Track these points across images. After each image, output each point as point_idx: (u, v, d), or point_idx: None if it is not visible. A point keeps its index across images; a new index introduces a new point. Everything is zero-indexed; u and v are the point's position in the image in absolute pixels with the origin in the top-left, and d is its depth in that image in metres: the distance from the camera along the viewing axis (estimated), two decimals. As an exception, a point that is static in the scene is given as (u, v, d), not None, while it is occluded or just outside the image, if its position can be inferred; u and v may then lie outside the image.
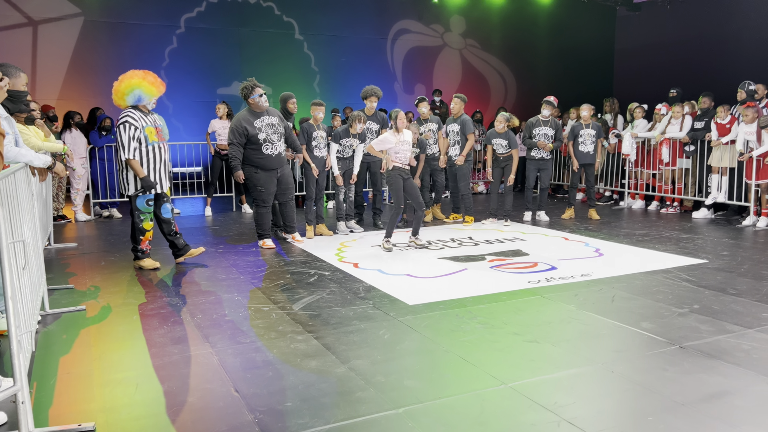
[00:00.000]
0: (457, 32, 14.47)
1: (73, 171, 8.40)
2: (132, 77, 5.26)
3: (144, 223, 5.46)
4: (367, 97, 7.32)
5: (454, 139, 7.66)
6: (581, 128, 8.26)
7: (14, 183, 3.20)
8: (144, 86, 5.26)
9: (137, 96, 5.28)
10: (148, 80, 5.28)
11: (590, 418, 2.63)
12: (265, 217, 6.42)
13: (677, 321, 3.89)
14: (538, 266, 5.45)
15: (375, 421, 2.63)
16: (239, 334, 3.76)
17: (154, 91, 5.34)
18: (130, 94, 5.26)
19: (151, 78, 5.33)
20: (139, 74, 5.28)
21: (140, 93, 5.27)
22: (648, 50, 14.53)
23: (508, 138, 7.67)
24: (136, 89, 5.25)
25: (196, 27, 12.05)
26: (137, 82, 5.24)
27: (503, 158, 7.74)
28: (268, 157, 6.21)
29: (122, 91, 5.26)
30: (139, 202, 5.41)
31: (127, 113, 5.28)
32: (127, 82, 5.25)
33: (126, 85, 5.25)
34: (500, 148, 7.72)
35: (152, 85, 5.30)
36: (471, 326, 3.84)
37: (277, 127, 6.30)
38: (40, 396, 2.91)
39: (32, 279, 3.49)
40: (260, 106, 6.25)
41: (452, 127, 7.67)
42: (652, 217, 8.38)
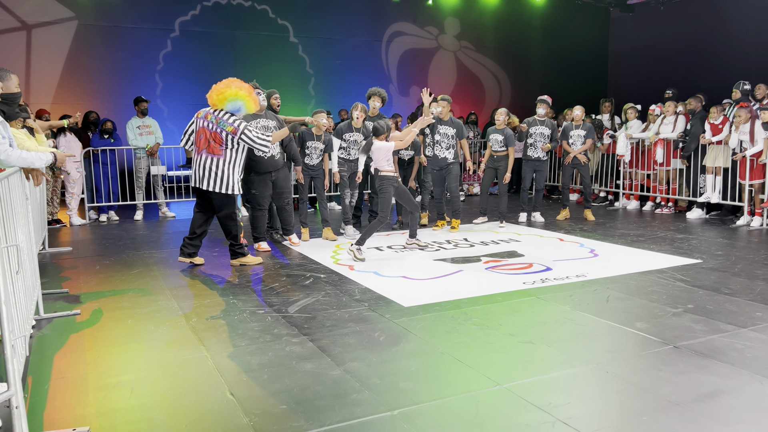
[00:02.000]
0: (451, 34, 14.50)
1: (68, 175, 8.38)
2: (241, 88, 5.42)
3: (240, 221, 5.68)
4: (369, 97, 7.32)
5: (448, 143, 7.38)
6: (572, 128, 8.31)
7: (8, 187, 3.20)
8: (248, 102, 5.46)
9: (239, 107, 5.46)
10: (253, 97, 5.50)
11: (585, 418, 2.64)
12: (260, 220, 6.41)
13: (671, 321, 3.91)
14: (534, 267, 5.47)
15: (370, 423, 2.63)
16: (234, 337, 3.75)
17: (254, 109, 5.57)
18: (233, 101, 5.41)
19: (255, 96, 5.57)
20: (246, 88, 5.46)
21: (242, 105, 5.45)
22: (642, 51, 14.59)
23: (505, 134, 7.64)
24: (241, 101, 5.42)
25: (191, 30, 12.04)
26: (244, 95, 5.41)
27: (497, 157, 7.72)
28: (260, 159, 6.19)
29: (227, 95, 5.39)
30: (239, 202, 5.64)
31: (237, 116, 5.45)
32: (236, 91, 5.39)
33: (233, 93, 5.39)
34: (495, 144, 7.68)
35: (255, 103, 5.56)
36: (466, 327, 3.85)
37: (272, 131, 6.29)
38: (34, 400, 2.91)
39: (26, 283, 3.48)
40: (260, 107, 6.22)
41: (446, 131, 7.40)
42: (646, 218, 8.41)
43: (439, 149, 7.36)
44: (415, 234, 6.43)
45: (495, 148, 7.70)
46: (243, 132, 5.38)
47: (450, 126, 7.40)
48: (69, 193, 8.49)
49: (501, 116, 7.71)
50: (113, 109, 10.88)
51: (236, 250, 5.72)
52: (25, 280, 3.38)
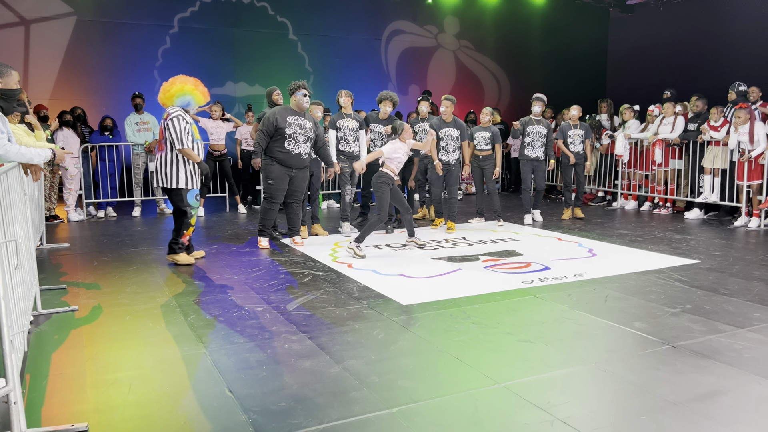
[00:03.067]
0: (451, 33, 14.49)
1: (66, 171, 8.36)
2: (185, 82, 5.47)
3: (192, 218, 5.61)
4: (381, 101, 7.34)
5: (454, 145, 7.31)
6: (569, 128, 8.32)
7: (6, 182, 3.19)
8: (195, 95, 5.50)
9: (187, 101, 5.50)
10: (200, 89, 5.52)
11: (583, 417, 2.64)
12: (270, 214, 6.39)
13: (670, 321, 3.91)
14: (532, 266, 5.47)
15: (369, 421, 2.63)
16: (233, 334, 3.75)
17: (202, 100, 5.58)
18: (181, 97, 5.46)
19: (203, 88, 5.57)
20: (192, 81, 5.51)
21: (191, 99, 5.50)
22: (641, 51, 14.61)
23: (492, 132, 7.66)
24: (189, 95, 5.47)
25: (190, 27, 12.01)
26: (190, 88, 5.46)
27: (483, 157, 7.72)
28: (288, 153, 6.21)
29: (173, 92, 5.44)
30: (190, 197, 5.56)
31: (177, 110, 5.48)
32: (181, 86, 5.44)
33: (178, 89, 5.44)
34: (482, 142, 7.68)
35: (203, 95, 5.56)
36: (465, 326, 3.85)
37: (307, 131, 6.32)
38: (32, 396, 2.90)
39: (24, 279, 3.47)
40: (301, 106, 6.30)
41: (450, 132, 7.33)
42: (644, 218, 8.42)
43: (444, 153, 7.31)
44: (413, 233, 6.43)
45: (481, 146, 7.70)
46: (171, 118, 5.41)
47: (454, 127, 7.36)
48: (67, 189, 8.48)
49: (487, 116, 7.77)
50: (111, 105, 10.86)
51: (172, 245, 5.65)
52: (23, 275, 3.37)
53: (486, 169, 7.75)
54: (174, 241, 5.62)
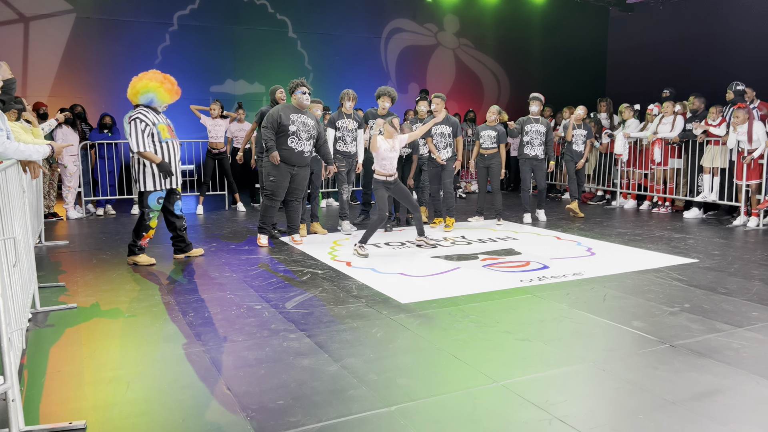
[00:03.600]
0: (450, 31, 14.48)
1: (65, 168, 8.35)
2: (151, 79, 5.40)
3: (151, 221, 5.54)
4: (379, 97, 7.32)
5: (445, 141, 7.33)
6: (573, 128, 8.33)
7: (5, 180, 3.18)
8: (159, 92, 5.41)
9: (150, 98, 5.42)
10: (165, 87, 5.43)
11: (581, 416, 2.64)
12: (270, 211, 6.39)
13: (668, 320, 3.92)
14: (531, 265, 5.47)
15: (367, 419, 2.63)
16: (231, 332, 3.75)
17: (168, 98, 5.49)
18: (144, 94, 5.40)
19: (169, 85, 5.47)
20: (159, 77, 5.43)
21: (153, 96, 5.42)
22: (640, 50, 14.60)
23: (497, 131, 7.65)
24: (151, 92, 5.39)
25: (189, 24, 11.99)
26: (155, 85, 5.38)
27: (488, 155, 7.70)
28: (290, 150, 6.23)
29: (138, 89, 5.40)
30: (151, 200, 5.49)
31: (139, 111, 5.42)
32: (146, 83, 5.38)
33: (143, 85, 5.38)
34: (488, 141, 7.66)
35: (168, 92, 5.46)
36: (463, 325, 3.85)
37: (310, 128, 6.33)
38: (30, 394, 2.90)
39: (23, 276, 3.47)
40: (301, 104, 6.31)
41: (442, 129, 7.31)
42: (643, 217, 8.43)
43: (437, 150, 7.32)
44: (422, 232, 6.33)
45: (487, 145, 7.68)
46: (130, 121, 5.38)
47: (446, 125, 7.33)
48: (66, 187, 8.47)
49: (493, 114, 7.73)
50: (111, 102, 10.84)
51: (131, 247, 5.62)
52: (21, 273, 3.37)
53: (491, 167, 7.72)
54: (133, 242, 5.59)
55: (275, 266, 5.51)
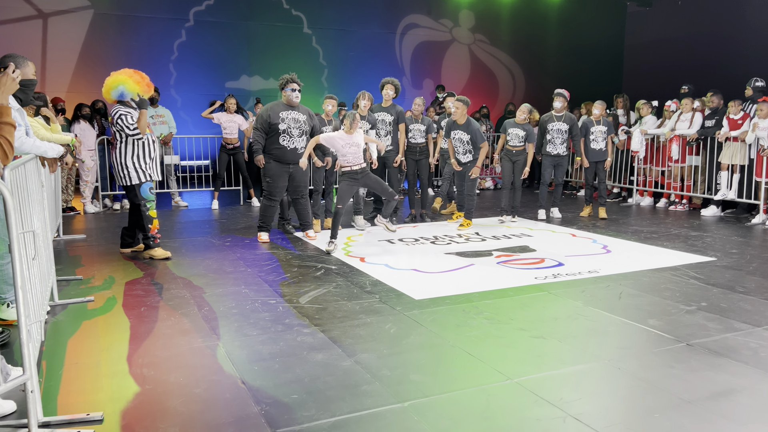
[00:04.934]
0: (466, 27, 14.41)
1: (83, 163, 8.44)
2: (120, 73, 5.45)
3: (150, 211, 5.59)
4: (382, 87, 7.30)
5: (464, 147, 7.13)
6: (592, 125, 8.16)
7: (24, 174, 3.22)
8: (128, 83, 5.43)
9: (120, 92, 5.45)
10: (134, 78, 5.45)
11: (596, 414, 2.63)
12: (269, 210, 6.42)
13: (685, 318, 3.88)
14: (545, 262, 5.44)
15: (380, 414, 2.64)
16: (246, 326, 3.77)
17: (137, 88, 5.48)
18: (114, 88, 5.45)
19: (138, 77, 5.48)
20: (128, 72, 5.47)
21: (123, 89, 5.44)
22: (658, 46, 14.43)
23: (527, 131, 7.55)
24: (121, 86, 5.43)
25: (205, 20, 12.05)
26: (123, 78, 5.43)
27: (516, 152, 7.63)
28: (283, 149, 6.24)
29: (109, 84, 5.46)
30: (143, 191, 5.55)
31: (118, 107, 5.49)
32: (115, 77, 5.44)
33: (113, 80, 5.44)
34: (515, 138, 7.55)
35: (137, 84, 5.46)
36: (477, 321, 3.84)
37: (301, 124, 6.34)
38: (48, 385, 2.94)
39: (41, 270, 3.51)
40: (291, 101, 6.31)
41: (460, 136, 7.10)
42: (660, 215, 8.34)
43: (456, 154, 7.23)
44: (387, 215, 6.34)
45: (514, 143, 7.55)
46: (117, 119, 5.43)
47: (465, 131, 7.05)
48: (83, 181, 8.56)
49: (523, 113, 7.60)
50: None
51: (145, 242, 5.69)
52: (40, 266, 3.41)
53: (517, 163, 7.64)
54: (145, 237, 5.66)
55: (289, 261, 5.53)
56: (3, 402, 2.67)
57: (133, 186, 5.52)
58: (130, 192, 5.58)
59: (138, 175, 5.51)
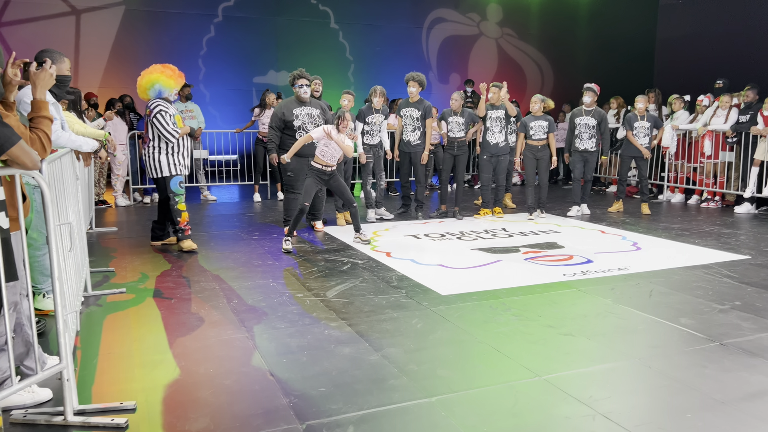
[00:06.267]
0: (493, 21, 14.29)
1: (114, 157, 8.59)
2: (151, 72, 5.54)
3: (179, 204, 5.66)
4: (407, 83, 7.30)
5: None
6: (636, 120, 7.96)
7: (60, 167, 3.30)
8: (162, 80, 5.52)
9: (157, 90, 5.55)
10: (166, 74, 5.54)
11: (626, 412, 2.60)
12: (293, 204, 6.51)
13: (718, 317, 3.80)
14: (574, 259, 5.38)
15: (408, 409, 2.65)
16: (274, 319, 3.81)
17: (172, 83, 5.58)
18: (150, 88, 5.54)
19: (169, 71, 5.56)
20: (158, 68, 5.55)
21: (160, 87, 5.53)
22: (691, 40, 14.12)
23: (548, 120, 7.46)
24: (156, 83, 5.52)
25: (234, 16, 12.16)
26: (156, 76, 5.51)
27: (540, 147, 7.52)
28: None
29: (143, 86, 5.55)
30: (173, 184, 5.62)
31: (158, 102, 5.56)
32: (147, 77, 5.54)
33: (146, 80, 5.53)
34: (539, 131, 7.43)
35: (170, 78, 5.55)
36: (505, 318, 3.82)
37: (315, 118, 6.50)
38: (83, 374, 3.01)
39: (76, 261, 3.59)
40: (300, 97, 6.44)
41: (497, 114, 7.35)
42: (692, 212, 8.18)
43: (491, 134, 7.30)
44: (358, 228, 6.06)
45: (539, 136, 7.44)
46: (155, 115, 5.49)
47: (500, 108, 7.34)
48: (114, 175, 8.72)
49: (537, 104, 7.53)
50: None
51: (175, 232, 5.76)
52: (75, 258, 3.49)
53: (541, 159, 7.53)
54: (176, 230, 5.74)
55: (316, 256, 5.57)
56: (40, 390, 2.74)
57: (163, 178, 5.61)
58: (160, 184, 5.68)
59: (169, 168, 5.60)
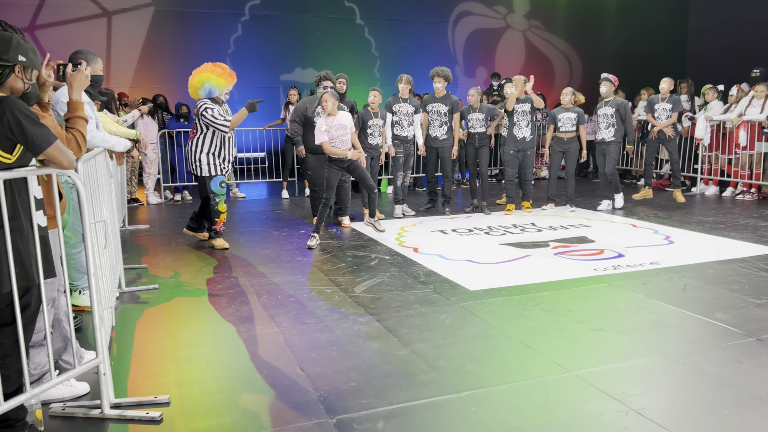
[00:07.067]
0: (520, 13, 14.13)
1: (145, 156, 8.74)
2: (202, 71, 5.56)
3: (219, 205, 5.71)
4: (432, 78, 7.29)
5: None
6: (657, 101, 7.82)
7: (95, 166, 3.37)
8: (212, 79, 5.54)
9: (208, 89, 5.57)
10: (216, 72, 5.55)
11: (660, 408, 2.55)
12: (317, 201, 6.64)
13: (754, 312, 3.71)
14: (605, 253, 5.31)
15: (438, 404, 2.64)
16: (304, 314, 3.84)
17: (223, 82, 5.59)
18: (201, 87, 5.57)
19: (220, 70, 5.58)
20: (208, 67, 5.57)
21: (210, 86, 5.56)
22: (725, 27, 13.74)
23: (577, 112, 7.40)
24: (207, 83, 5.55)
25: (260, 14, 12.26)
26: (206, 75, 5.54)
27: (567, 139, 7.45)
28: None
29: (194, 85, 5.59)
30: (214, 185, 5.66)
31: (204, 101, 5.59)
32: (198, 77, 5.56)
33: (197, 80, 5.57)
34: (567, 123, 7.39)
35: (220, 77, 5.56)
36: (534, 313, 3.79)
37: None
38: (118, 368, 3.08)
39: (111, 258, 3.67)
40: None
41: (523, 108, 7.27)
42: (726, 204, 7.99)
43: (517, 129, 7.26)
44: (373, 213, 6.32)
45: (567, 128, 7.39)
46: (201, 111, 5.50)
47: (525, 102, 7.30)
48: (146, 173, 8.87)
49: (567, 96, 7.50)
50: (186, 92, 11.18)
51: (209, 230, 5.81)
52: (109, 255, 3.57)
53: (568, 152, 7.49)
54: (209, 229, 5.81)
55: (344, 251, 5.59)
56: (78, 384, 2.81)
57: (203, 177, 5.68)
58: (200, 182, 5.73)
59: (209, 168, 5.63)
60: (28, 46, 2.36)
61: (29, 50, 2.36)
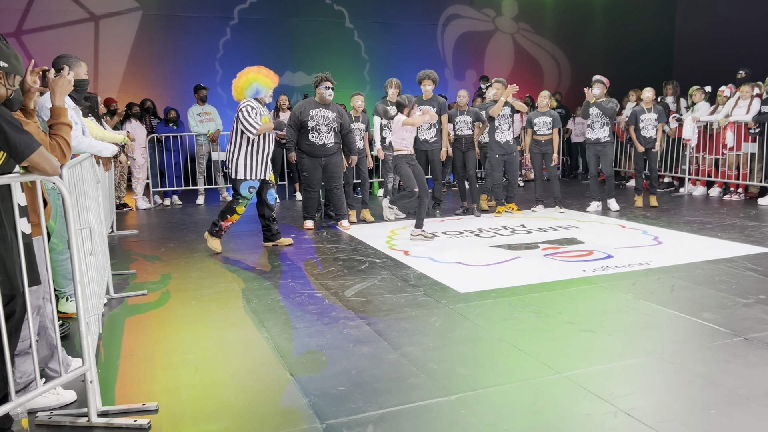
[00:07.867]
0: (509, 16, 14.19)
1: (134, 161, 8.70)
2: (248, 73, 5.60)
3: (239, 206, 5.70)
4: (420, 81, 7.31)
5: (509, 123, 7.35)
6: (643, 112, 7.92)
7: (80, 172, 3.34)
8: (261, 79, 5.58)
9: (255, 89, 5.60)
10: (263, 73, 5.61)
11: (649, 409, 2.56)
12: (310, 201, 6.83)
13: (742, 312, 3.74)
14: (594, 254, 5.33)
15: (427, 407, 2.64)
16: (293, 319, 3.83)
17: (270, 83, 5.65)
18: (248, 87, 5.58)
19: (265, 71, 5.64)
20: (254, 69, 5.62)
21: (258, 86, 5.59)
22: (711, 29, 13.85)
23: (552, 116, 7.55)
24: (254, 83, 5.58)
25: (249, 18, 12.24)
26: (254, 76, 5.58)
27: (545, 141, 7.57)
28: (313, 145, 6.59)
29: (241, 86, 5.60)
30: (243, 188, 5.66)
31: (248, 100, 5.58)
32: (245, 78, 5.59)
33: (244, 81, 5.58)
34: (543, 127, 7.54)
35: (267, 77, 5.62)
36: (524, 315, 3.80)
37: (329, 121, 6.62)
38: (106, 376, 3.05)
39: (98, 264, 3.64)
40: (324, 98, 6.59)
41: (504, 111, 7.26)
42: (714, 204, 8.06)
43: (500, 133, 7.28)
44: (420, 224, 6.15)
45: (543, 131, 7.56)
46: (241, 109, 5.51)
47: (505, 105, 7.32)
48: (135, 178, 8.83)
49: (545, 99, 7.67)
50: (175, 96, 11.20)
51: (213, 224, 5.77)
52: (97, 261, 3.54)
53: (547, 154, 7.62)
54: (215, 223, 5.76)
55: (334, 255, 5.59)
56: (64, 392, 2.79)
57: (236, 179, 5.66)
58: (234, 184, 5.71)
59: (244, 172, 5.62)
60: (9, 52, 2.34)
61: (11, 56, 2.35)
